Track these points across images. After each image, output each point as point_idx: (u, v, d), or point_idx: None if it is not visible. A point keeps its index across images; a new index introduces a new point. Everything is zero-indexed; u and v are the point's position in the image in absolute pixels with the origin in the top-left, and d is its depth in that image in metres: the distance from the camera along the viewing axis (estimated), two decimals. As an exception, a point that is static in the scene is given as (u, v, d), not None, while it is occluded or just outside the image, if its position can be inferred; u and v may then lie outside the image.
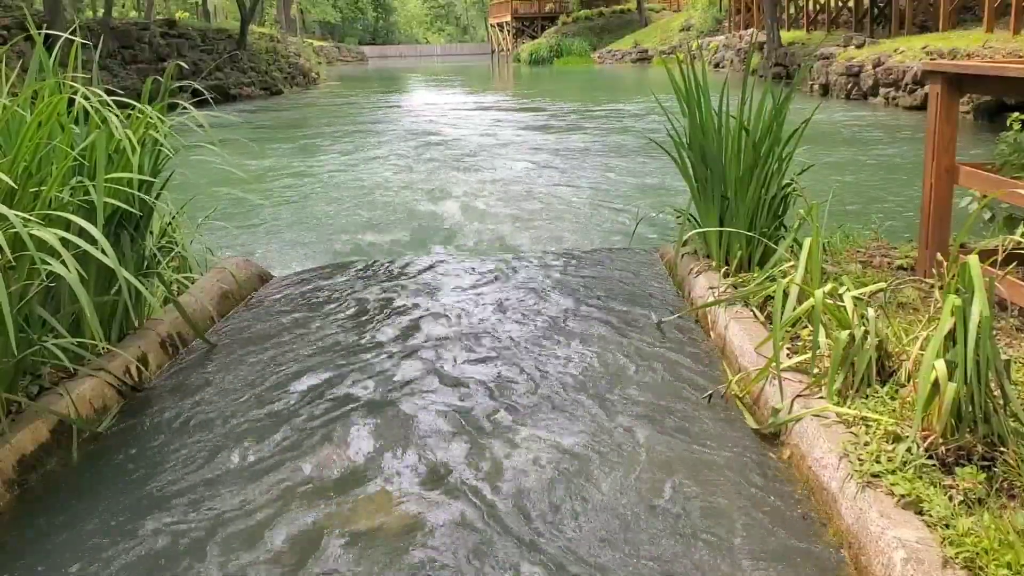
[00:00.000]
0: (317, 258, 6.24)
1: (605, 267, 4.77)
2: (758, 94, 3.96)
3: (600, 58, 44.28)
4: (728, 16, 35.21)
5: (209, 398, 3.13)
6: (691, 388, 3.08)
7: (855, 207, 7.31)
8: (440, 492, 2.42)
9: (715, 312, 3.59)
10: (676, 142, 4.23)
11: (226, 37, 29.04)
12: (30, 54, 3.33)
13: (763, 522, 2.24)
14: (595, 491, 2.40)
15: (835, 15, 25.21)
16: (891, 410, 2.42)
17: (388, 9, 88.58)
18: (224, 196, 7.54)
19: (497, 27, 62.15)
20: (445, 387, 3.14)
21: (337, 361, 3.43)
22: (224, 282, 4.27)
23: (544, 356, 3.41)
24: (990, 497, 2.03)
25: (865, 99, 18.01)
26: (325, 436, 2.78)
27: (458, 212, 7.99)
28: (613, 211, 7.86)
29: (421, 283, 4.54)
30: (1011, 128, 3.76)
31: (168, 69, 3.78)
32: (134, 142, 3.20)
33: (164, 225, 4.06)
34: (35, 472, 2.60)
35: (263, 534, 2.25)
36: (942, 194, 3.70)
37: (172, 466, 2.63)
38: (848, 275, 3.52)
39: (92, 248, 2.68)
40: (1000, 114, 11.62)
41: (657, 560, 2.09)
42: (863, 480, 2.14)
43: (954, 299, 2.23)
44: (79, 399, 2.87)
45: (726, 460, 2.56)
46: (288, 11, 44.40)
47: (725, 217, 4.06)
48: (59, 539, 2.28)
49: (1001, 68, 3.49)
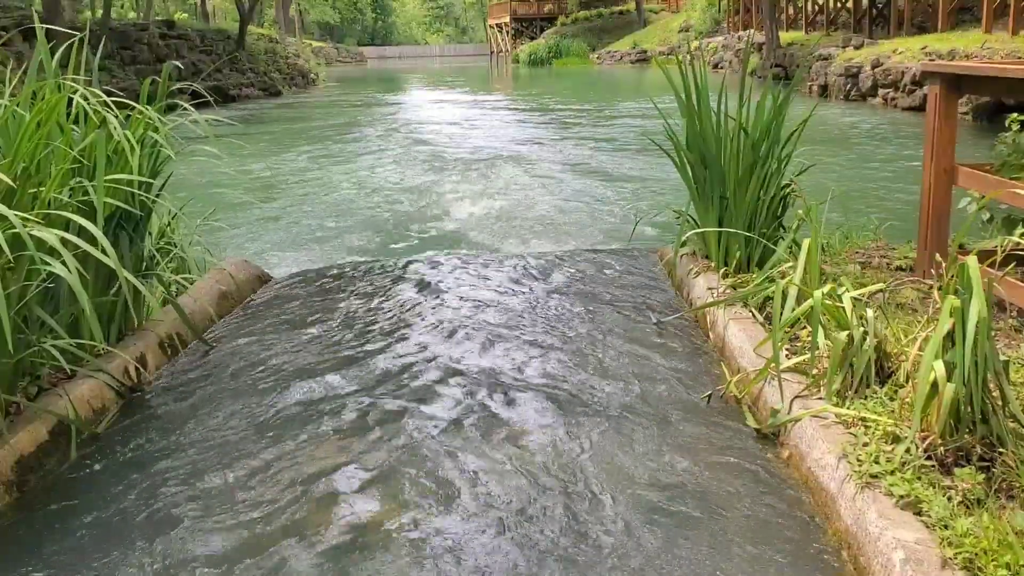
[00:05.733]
0: (317, 259, 6.25)
1: (604, 268, 4.77)
2: (757, 95, 3.96)
3: (599, 59, 44.29)
4: (727, 17, 35.24)
5: (208, 399, 3.13)
6: (690, 389, 3.08)
7: (854, 208, 7.32)
8: (436, 496, 2.41)
9: (714, 313, 3.59)
10: (675, 143, 4.23)
11: (225, 38, 29.04)
12: (29, 55, 3.33)
13: (762, 523, 2.24)
14: (594, 491, 2.40)
15: (833, 16, 25.23)
16: (890, 411, 2.42)
17: (387, 10, 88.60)
18: (223, 197, 7.54)
19: (496, 28, 62.18)
20: (445, 388, 3.14)
21: (336, 362, 3.43)
22: (223, 283, 4.27)
23: (543, 356, 3.41)
24: (989, 498, 2.03)
25: (864, 100, 18.02)
26: (325, 437, 2.78)
27: (458, 213, 7.99)
28: (613, 211, 7.87)
29: (420, 284, 4.53)
30: (1010, 129, 3.77)
31: (164, 68, 3.76)
32: (133, 142, 3.20)
33: (163, 226, 4.06)
34: (34, 473, 2.60)
35: (263, 535, 2.24)
36: (941, 195, 3.71)
37: (171, 467, 2.63)
38: (847, 276, 3.52)
39: (92, 248, 2.68)
40: (999, 115, 11.63)
41: (657, 561, 2.09)
42: (862, 481, 2.14)
43: (953, 300, 2.24)
44: (78, 400, 2.87)
45: (725, 461, 2.56)
46: (287, 12, 44.37)
47: (724, 218, 4.06)
48: (58, 540, 2.28)
49: (1000, 69, 3.50)
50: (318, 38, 65.26)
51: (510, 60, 52.44)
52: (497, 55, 60.50)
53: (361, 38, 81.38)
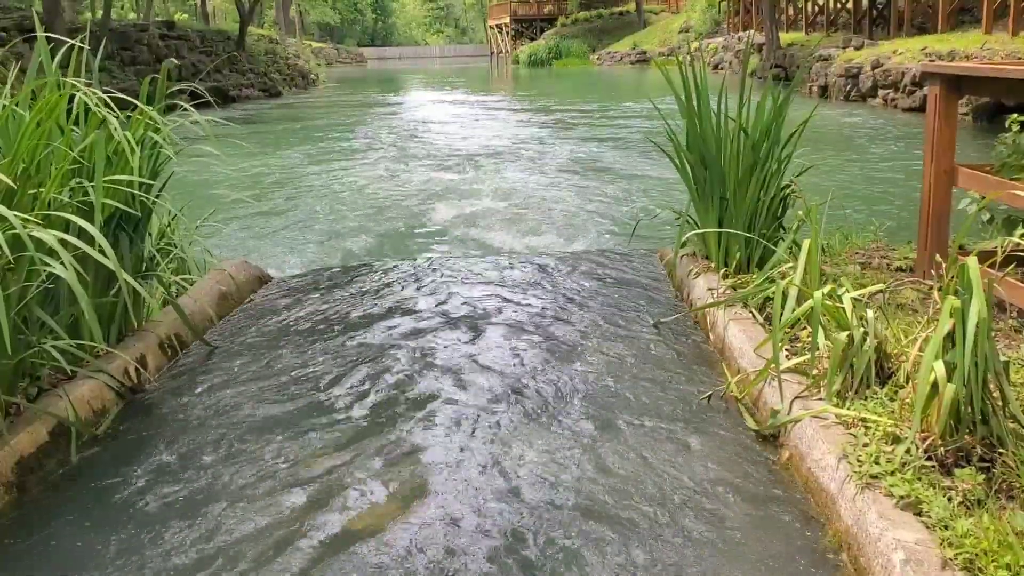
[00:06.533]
0: (317, 260, 6.25)
1: (604, 268, 4.77)
2: (757, 96, 3.96)
3: (599, 60, 44.31)
4: (727, 18, 35.25)
5: (208, 400, 3.13)
6: (690, 389, 3.08)
7: (854, 208, 7.32)
8: (433, 498, 2.42)
9: (714, 313, 3.59)
10: (675, 144, 4.23)
11: (225, 39, 29.05)
12: (29, 56, 3.33)
13: (762, 523, 2.23)
14: (593, 492, 2.40)
15: (833, 16, 25.24)
16: (890, 411, 2.42)
17: (387, 11, 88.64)
18: (223, 198, 7.54)
19: (496, 29, 62.20)
20: (444, 389, 3.14)
21: (336, 363, 3.43)
22: (223, 284, 4.27)
23: (543, 357, 3.41)
24: (989, 498, 2.03)
25: (864, 100, 18.03)
26: (325, 438, 2.78)
27: (458, 213, 7.99)
28: (613, 211, 7.87)
29: (420, 285, 4.54)
30: (1010, 130, 3.77)
31: (163, 67, 3.75)
32: (133, 143, 3.20)
33: (163, 227, 4.06)
34: (34, 474, 2.60)
35: (262, 535, 2.24)
36: (941, 195, 3.71)
37: (171, 468, 2.63)
38: (847, 276, 3.52)
39: (91, 249, 2.68)
40: (999, 116, 11.65)
41: (657, 561, 2.09)
42: (862, 481, 2.14)
43: (953, 300, 2.24)
44: (78, 401, 2.87)
45: (725, 461, 2.55)
46: (287, 13, 44.40)
47: (724, 218, 4.06)
48: (58, 541, 2.28)
49: (1000, 69, 3.50)
50: (318, 39, 65.30)
51: (510, 61, 52.46)
52: (497, 56, 60.51)
53: (361, 39, 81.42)
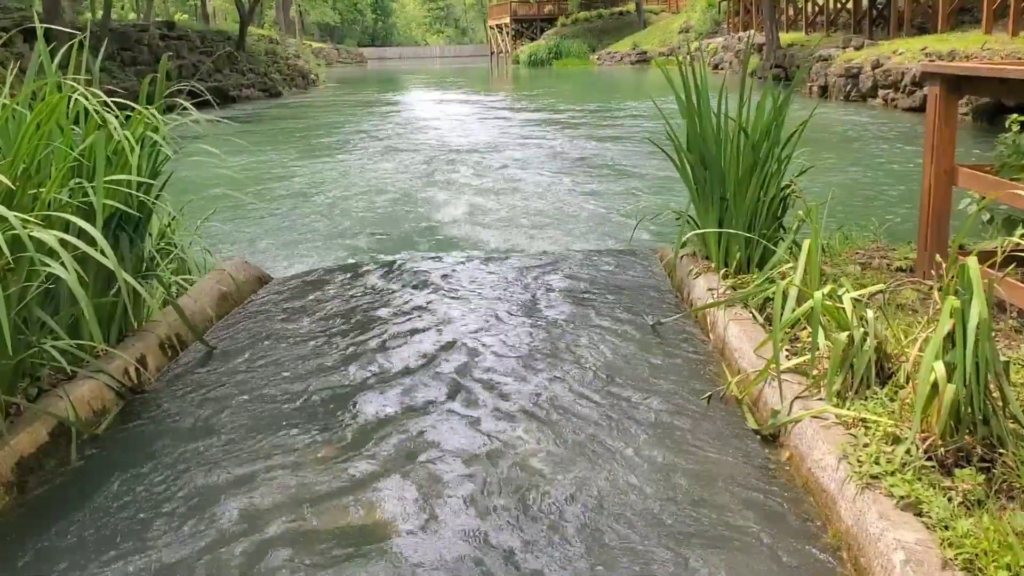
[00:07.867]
0: (317, 260, 6.24)
1: (604, 268, 4.77)
2: (757, 96, 3.96)
3: (599, 60, 44.31)
4: (727, 18, 35.24)
5: (208, 400, 3.12)
6: (690, 389, 3.08)
7: (854, 209, 7.32)
8: (434, 499, 2.42)
9: (714, 314, 3.59)
10: (675, 144, 4.23)
11: (225, 39, 29.04)
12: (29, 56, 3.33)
13: (762, 523, 2.23)
14: (592, 492, 2.40)
15: (834, 17, 25.23)
16: (890, 412, 2.42)
17: (387, 11, 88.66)
18: (223, 198, 7.53)
19: (496, 29, 62.18)
20: (444, 389, 3.14)
21: (336, 363, 3.43)
22: (223, 284, 4.26)
23: (543, 357, 3.41)
24: (989, 499, 2.03)
25: (864, 101, 18.02)
26: (325, 438, 2.78)
27: (459, 213, 7.99)
28: (614, 211, 7.87)
29: (420, 284, 4.53)
30: (1010, 130, 3.77)
31: (161, 64, 3.73)
32: (133, 143, 3.20)
33: (163, 227, 4.05)
34: (34, 474, 2.60)
35: (263, 536, 2.24)
36: (941, 195, 3.71)
37: (171, 468, 2.63)
38: (847, 276, 3.52)
39: (91, 249, 2.67)
40: (999, 116, 11.63)
41: (657, 562, 2.09)
42: (862, 482, 2.14)
43: (953, 301, 2.24)
44: (78, 401, 2.87)
45: (725, 461, 2.55)
46: (287, 13, 44.39)
47: (724, 219, 4.06)
48: (58, 542, 2.28)
49: (1000, 70, 3.49)
50: (318, 39, 65.29)
51: (510, 61, 52.45)
52: (497, 56, 60.49)
53: (361, 39, 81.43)
